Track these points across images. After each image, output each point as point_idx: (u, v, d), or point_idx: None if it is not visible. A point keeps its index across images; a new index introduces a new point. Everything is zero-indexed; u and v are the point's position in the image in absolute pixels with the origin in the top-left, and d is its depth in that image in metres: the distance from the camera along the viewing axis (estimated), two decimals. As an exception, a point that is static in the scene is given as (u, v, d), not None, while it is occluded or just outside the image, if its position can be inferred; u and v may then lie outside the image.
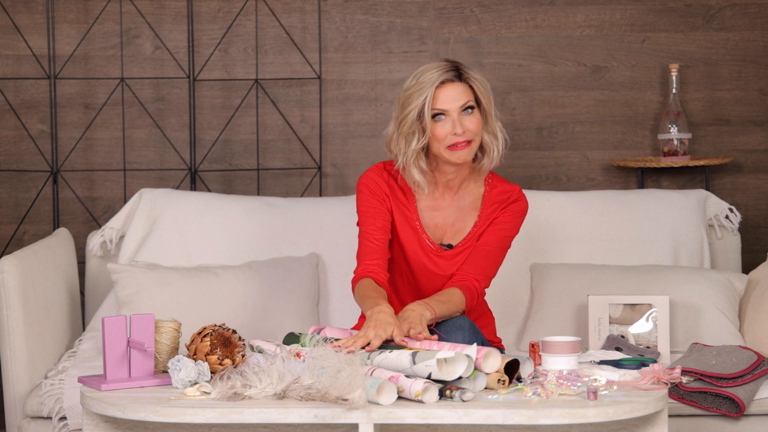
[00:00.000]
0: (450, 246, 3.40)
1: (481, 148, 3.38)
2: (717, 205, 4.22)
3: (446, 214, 3.42)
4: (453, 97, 3.29)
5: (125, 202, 4.47)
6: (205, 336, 3.07)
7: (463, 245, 3.40)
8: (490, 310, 3.56)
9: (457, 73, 3.31)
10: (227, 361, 3.03)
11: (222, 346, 3.07)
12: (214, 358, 3.03)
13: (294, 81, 4.60)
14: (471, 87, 3.31)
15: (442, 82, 3.29)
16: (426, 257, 3.39)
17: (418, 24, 4.59)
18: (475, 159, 3.39)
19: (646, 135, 4.62)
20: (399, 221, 3.40)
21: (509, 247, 3.43)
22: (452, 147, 3.30)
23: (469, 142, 3.30)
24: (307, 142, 4.60)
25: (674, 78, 4.50)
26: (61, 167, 4.55)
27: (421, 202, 3.42)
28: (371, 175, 3.41)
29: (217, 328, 3.09)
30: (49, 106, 4.56)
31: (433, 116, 3.29)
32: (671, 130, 4.47)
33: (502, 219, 3.40)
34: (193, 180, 4.56)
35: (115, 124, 4.59)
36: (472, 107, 3.30)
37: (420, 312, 3.16)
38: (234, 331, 3.11)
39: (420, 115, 3.29)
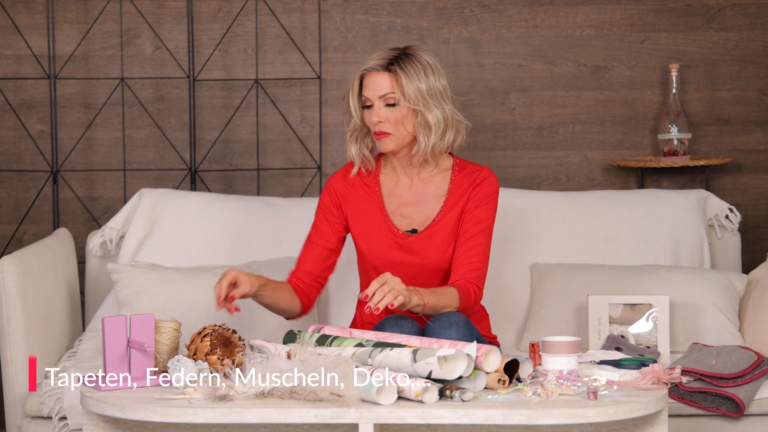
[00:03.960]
0: (414, 231, 3.42)
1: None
2: (717, 205, 4.22)
3: (411, 201, 3.47)
4: (375, 86, 3.38)
5: (125, 202, 4.47)
6: (204, 336, 3.07)
7: (429, 230, 3.42)
8: (483, 306, 3.56)
9: (387, 62, 3.38)
10: (227, 361, 3.03)
11: (222, 346, 3.07)
12: (214, 358, 3.03)
13: (294, 81, 4.60)
14: (395, 79, 3.38)
15: (369, 70, 3.39)
16: (388, 247, 3.43)
17: (418, 24, 4.59)
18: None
19: (646, 135, 4.62)
20: (362, 217, 3.47)
21: (492, 232, 3.46)
22: (375, 135, 3.40)
23: (386, 133, 3.38)
24: (307, 142, 4.61)
25: (674, 78, 4.50)
26: (61, 167, 4.55)
27: (385, 189, 3.48)
28: (333, 182, 3.53)
29: (217, 328, 3.09)
30: (49, 106, 4.56)
31: (363, 105, 3.41)
32: (671, 130, 4.47)
33: (475, 213, 3.41)
34: (193, 180, 4.56)
35: (115, 124, 4.60)
36: (392, 104, 3.37)
37: (403, 285, 3.17)
38: (234, 331, 3.11)
39: (351, 99, 3.42)
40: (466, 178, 3.45)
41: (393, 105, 3.37)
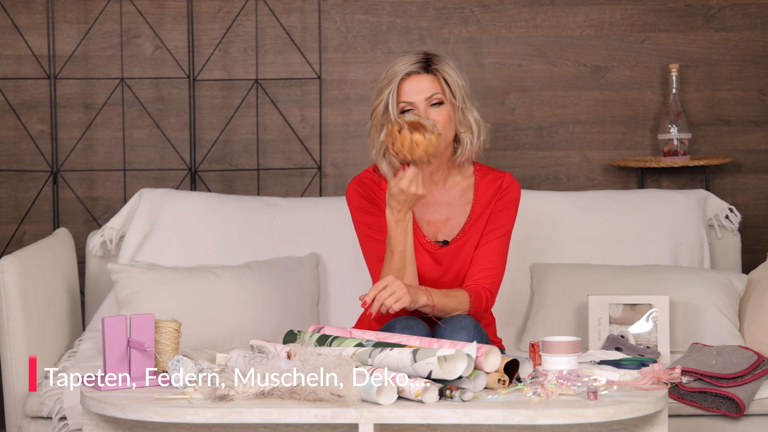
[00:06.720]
0: (446, 242, 3.39)
1: (457, 140, 3.37)
2: (717, 205, 4.22)
3: (437, 210, 3.40)
4: (419, 89, 3.29)
5: (125, 202, 4.47)
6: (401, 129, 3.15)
7: (459, 240, 3.38)
8: (491, 311, 3.55)
9: (425, 65, 3.30)
10: (417, 135, 3.12)
11: (411, 127, 3.16)
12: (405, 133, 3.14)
13: (294, 81, 4.60)
14: (441, 79, 3.30)
15: (408, 74, 3.29)
16: (421, 259, 3.37)
17: (418, 24, 4.59)
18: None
19: (646, 135, 4.62)
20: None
21: (510, 238, 3.42)
22: None
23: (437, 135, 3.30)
24: (307, 142, 4.61)
25: (674, 78, 4.50)
26: (61, 167, 4.56)
27: None
28: (359, 182, 3.40)
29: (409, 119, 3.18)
30: (49, 106, 4.56)
31: (402, 111, 3.29)
32: (671, 130, 4.47)
33: (496, 217, 3.39)
34: (193, 180, 4.56)
35: (115, 124, 4.60)
36: (440, 102, 3.29)
37: (404, 289, 3.14)
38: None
39: (387, 108, 3.29)
40: (490, 186, 3.40)
41: (440, 104, 3.30)
